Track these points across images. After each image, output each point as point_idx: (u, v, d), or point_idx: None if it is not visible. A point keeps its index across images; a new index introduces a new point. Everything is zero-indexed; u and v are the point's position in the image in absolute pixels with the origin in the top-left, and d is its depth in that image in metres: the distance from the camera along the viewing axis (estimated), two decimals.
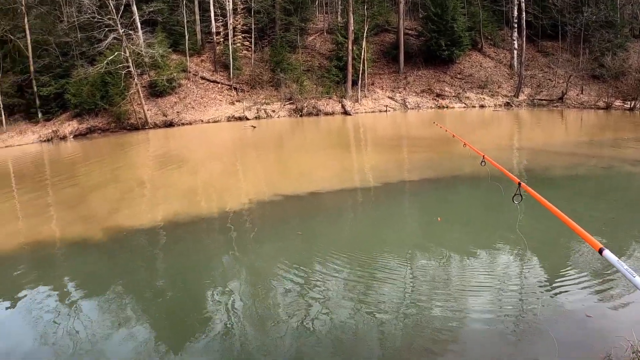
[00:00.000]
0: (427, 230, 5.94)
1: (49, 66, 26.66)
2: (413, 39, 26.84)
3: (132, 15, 24.77)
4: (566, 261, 4.69)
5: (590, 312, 3.63)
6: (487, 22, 27.93)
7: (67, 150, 21.43)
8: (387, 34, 27.28)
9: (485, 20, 27.72)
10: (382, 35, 27.19)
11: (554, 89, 25.58)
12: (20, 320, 4.39)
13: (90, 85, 24.30)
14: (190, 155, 15.25)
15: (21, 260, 6.15)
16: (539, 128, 17.81)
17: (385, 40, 27.09)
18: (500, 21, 29.09)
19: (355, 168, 10.90)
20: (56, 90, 26.07)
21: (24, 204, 9.86)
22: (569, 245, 5.04)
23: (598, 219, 5.87)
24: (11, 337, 4.10)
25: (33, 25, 28.03)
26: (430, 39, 25.27)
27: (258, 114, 22.74)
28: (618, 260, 1.84)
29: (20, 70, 28.10)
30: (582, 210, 6.30)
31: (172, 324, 4.08)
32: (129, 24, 24.58)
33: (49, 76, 26.47)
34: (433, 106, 24.29)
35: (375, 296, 4.10)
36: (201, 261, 5.46)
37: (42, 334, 4.04)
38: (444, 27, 25.04)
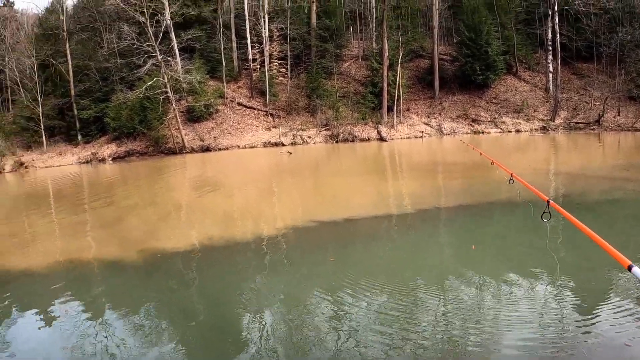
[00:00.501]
0: (462, 258, 5.83)
1: (89, 90, 27.54)
2: (448, 64, 26.76)
3: (171, 42, 25.41)
4: (604, 287, 4.53)
5: (630, 341, 3.48)
6: (521, 46, 27.67)
7: (106, 172, 21.90)
8: (421, 60, 27.29)
9: (519, 43, 27.46)
10: (416, 60, 27.21)
11: (590, 112, 25.04)
12: (53, 337, 4.44)
13: (129, 109, 24.94)
14: (227, 180, 15.41)
15: (57, 278, 6.23)
16: (576, 152, 17.47)
17: (420, 65, 27.09)
18: (535, 44, 28.78)
19: (390, 194, 10.82)
20: (96, 114, 26.86)
21: (62, 223, 10.05)
22: (607, 270, 4.86)
23: (636, 244, 5.67)
24: (43, 352, 4.15)
25: (74, 51, 29.09)
26: (465, 64, 25.14)
27: (294, 139, 22.89)
28: None
29: (61, 94, 29.10)
30: (619, 235, 6.10)
31: (203, 346, 4.05)
32: (168, 51, 25.21)
33: (89, 100, 27.31)
34: (469, 131, 24.06)
35: (408, 327, 4.00)
36: (235, 285, 5.43)
37: (74, 351, 4.06)
38: (478, 52, 24.90)
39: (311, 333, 4.03)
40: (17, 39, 32.74)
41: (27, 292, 5.80)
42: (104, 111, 26.13)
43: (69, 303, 5.21)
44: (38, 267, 6.71)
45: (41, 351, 4.17)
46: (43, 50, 29.44)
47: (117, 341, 4.20)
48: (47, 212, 11.67)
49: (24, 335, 4.54)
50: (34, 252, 7.58)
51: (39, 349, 4.21)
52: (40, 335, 4.51)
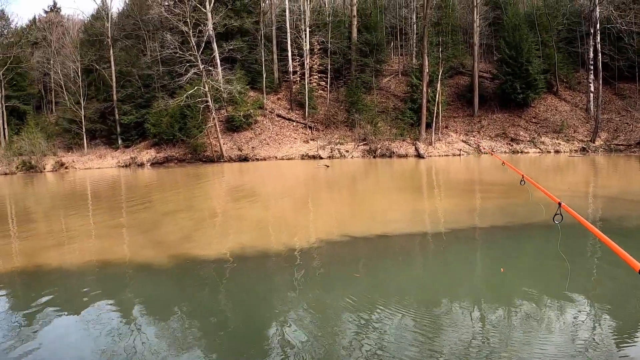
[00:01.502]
0: (493, 280, 5.75)
1: (131, 96, 28.36)
2: (487, 82, 26.54)
3: (213, 52, 25.97)
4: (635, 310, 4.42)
5: None
6: (562, 64, 27.22)
7: (144, 176, 22.41)
8: (461, 77, 27.14)
9: (560, 62, 27.02)
10: (456, 77, 27.08)
11: (631, 134, 24.40)
12: (83, 335, 4.51)
13: (169, 116, 25.55)
14: (263, 190, 15.54)
15: (90, 277, 6.35)
16: (616, 174, 16.99)
17: (460, 83, 26.94)
18: (576, 63, 28.28)
19: (426, 212, 10.69)
20: (136, 119, 27.61)
21: (98, 224, 10.26)
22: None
23: None
24: (72, 350, 4.22)
25: (118, 57, 30.05)
26: (505, 82, 24.87)
27: (332, 153, 23.03)
28: None
29: (103, 98, 30.06)
30: None
31: (230, 354, 4.08)
32: (209, 61, 25.78)
33: (130, 105, 28.12)
34: (507, 151, 23.75)
35: (434, 347, 3.97)
36: (265, 295, 5.47)
37: (102, 350, 4.12)
38: (518, 70, 24.61)
39: (337, 348, 4.07)
40: (62, 44, 33.97)
41: (61, 291, 5.91)
42: (145, 117, 26.84)
43: (101, 303, 5.32)
44: (73, 267, 6.85)
45: (72, 349, 4.25)
46: (87, 56, 30.53)
47: (145, 344, 4.28)
48: (84, 213, 11.96)
49: (55, 333, 4.64)
50: (69, 251, 7.75)
51: (69, 347, 4.30)
52: (71, 334, 4.61)
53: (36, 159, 26.63)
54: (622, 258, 2.16)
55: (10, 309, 5.32)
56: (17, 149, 27.56)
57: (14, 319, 4.98)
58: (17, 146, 27.96)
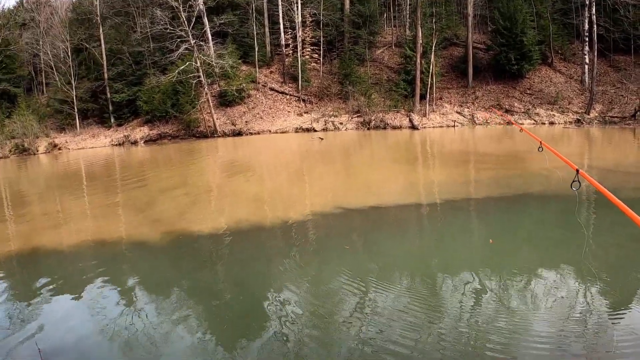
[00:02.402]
0: (489, 251, 5.74)
1: (122, 74, 27.98)
2: (482, 53, 26.33)
3: (204, 27, 25.60)
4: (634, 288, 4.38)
5: None
6: (557, 36, 27.01)
7: (138, 154, 22.28)
8: (455, 48, 26.89)
9: (555, 33, 26.81)
10: (450, 49, 26.83)
11: (626, 106, 24.33)
12: (82, 314, 4.55)
13: (161, 93, 25.27)
14: (257, 164, 15.48)
15: (87, 257, 6.38)
16: (610, 146, 17.02)
17: (454, 54, 26.71)
18: (571, 34, 28.06)
19: (420, 183, 10.73)
20: (128, 97, 27.30)
21: (94, 204, 10.22)
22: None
23: None
24: (72, 330, 4.25)
25: (107, 35, 29.55)
26: (500, 53, 24.68)
27: (325, 125, 22.90)
28: None
29: (94, 77, 29.63)
30: None
31: (229, 328, 4.13)
32: (200, 35, 25.40)
33: (122, 83, 27.77)
34: (502, 122, 23.68)
35: (431, 319, 3.98)
36: (261, 268, 5.52)
37: (102, 327, 4.16)
38: (513, 41, 24.42)
39: (333, 321, 4.06)
40: (51, 24, 33.34)
41: (59, 272, 5.92)
42: (137, 95, 26.54)
43: (100, 282, 5.31)
44: (70, 247, 6.87)
45: (71, 329, 4.26)
46: (77, 35, 30.01)
47: (144, 321, 4.29)
48: (79, 193, 11.90)
49: (54, 314, 4.65)
50: (66, 232, 7.75)
51: (69, 327, 4.31)
52: (70, 314, 4.61)
53: (29, 141, 26.35)
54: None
55: (8, 292, 5.31)
56: (9, 132, 27.22)
57: (12, 301, 4.98)
58: (9, 129, 27.59)
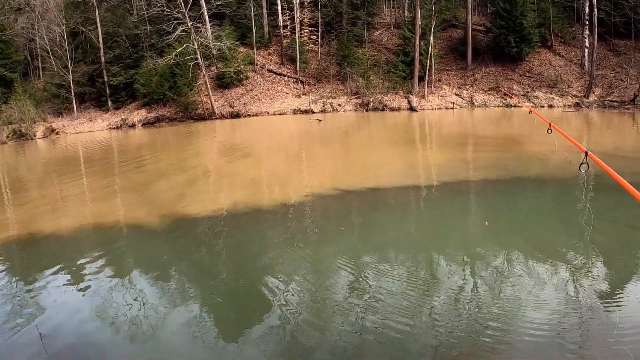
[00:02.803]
0: (486, 234, 5.71)
1: (119, 57, 27.76)
2: (481, 35, 26.16)
3: (201, 9, 25.35)
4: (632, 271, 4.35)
5: None
6: (557, 19, 26.82)
7: (136, 137, 22.19)
8: (454, 30, 26.70)
9: (555, 16, 26.62)
10: (449, 30, 26.64)
11: (625, 90, 24.23)
12: (82, 297, 4.54)
13: (159, 76, 25.10)
14: (255, 146, 15.44)
15: (86, 242, 6.39)
16: (609, 131, 16.97)
17: (453, 36, 26.53)
18: (571, 18, 27.87)
19: (419, 165, 10.72)
20: (126, 80, 27.11)
21: (92, 187, 10.20)
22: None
23: None
24: (72, 314, 4.24)
25: (104, 18, 29.25)
26: (499, 35, 24.53)
27: (324, 107, 22.81)
28: None
29: (91, 61, 29.38)
30: None
31: (227, 309, 4.13)
32: (197, 17, 25.17)
33: (119, 67, 27.55)
34: (501, 104, 23.62)
35: (425, 302, 3.99)
36: (260, 251, 5.50)
37: (102, 311, 4.16)
38: (512, 23, 24.25)
39: (332, 303, 4.06)
40: (46, 8, 32.91)
41: (59, 256, 5.91)
42: (134, 78, 26.36)
43: (99, 265, 5.32)
44: (68, 230, 6.86)
45: (72, 314, 4.25)
46: (73, 18, 29.70)
47: (144, 303, 4.29)
48: (77, 177, 11.84)
49: (54, 296, 4.64)
50: (64, 216, 7.73)
51: (70, 311, 4.30)
52: (71, 298, 4.60)
53: (26, 126, 26.15)
54: None
55: (8, 276, 5.28)
56: (7, 118, 27.01)
57: (12, 286, 4.96)
58: (6, 115, 27.34)
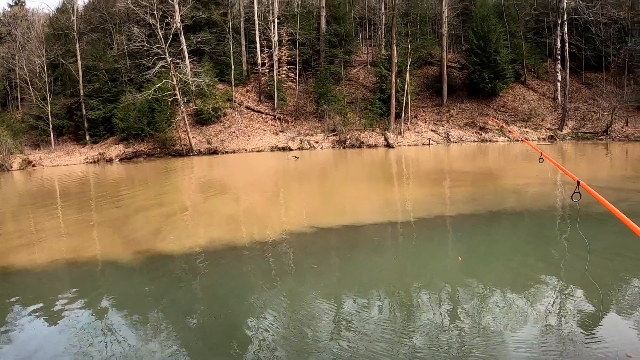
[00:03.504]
0: (462, 269, 5.78)
1: (98, 91, 27.72)
2: (456, 72, 26.76)
3: (180, 45, 25.55)
4: (604, 301, 4.45)
5: (632, 351, 3.44)
6: (530, 54, 27.61)
7: (113, 172, 21.98)
8: (430, 67, 27.29)
9: (528, 52, 27.41)
10: (425, 68, 27.22)
11: (598, 122, 24.91)
12: (56, 335, 4.45)
13: (137, 111, 25.07)
14: (233, 183, 15.39)
15: (62, 277, 6.27)
16: (583, 161, 17.31)
17: (429, 73, 27.09)
18: (544, 53, 28.73)
19: (396, 201, 10.77)
20: (104, 115, 27.03)
21: (68, 222, 10.04)
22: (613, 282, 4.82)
23: None
24: (44, 351, 4.15)
25: (84, 51, 29.31)
26: (474, 72, 25.12)
27: (301, 144, 22.93)
28: None
29: (70, 94, 29.31)
30: (624, 247, 6.10)
31: (204, 348, 4.08)
32: (177, 53, 25.36)
33: (97, 100, 27.49)
34: (476, 139, 24.00)
35: (407, 335, 4.02)
36: (237, 289, 5.45)
37: (76, 351, 4.06)
38: (487, 60, 24.88)
39: (310, 339, 4.07)
40: (27, 38, 32.92)
41: (32, 291, 5.80)
42: (113, 112, 26.31)
43: (73, 302, 5.23)
44: (43, 266, 6.72)
45: (45, 350, 4.17)
46: (53, 50, 29.70)
47: (120, 342, 4.22)
48: (53, 211, 11.68)
49: (28, 333, 4.54)
50: (39, 250, 7.59)
51: (42, 348, 4.22)
52: (44, 334, 4.51)
53: (2, 157, 25.80)
54: None
55: None
56: None
57: None
58: None
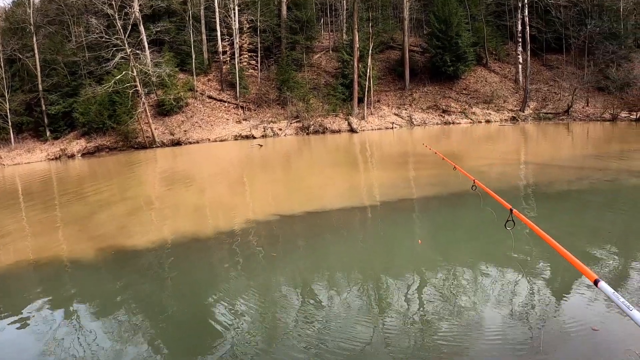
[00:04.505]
0: (425, 250, 5.90)
1: (57, 85, 27.00)
2: (418, 56, 26.97)
3: (140, 35, 25.06)
4: (569, 275, 4.57)
5: (597, 325, 3.57)
6: (491, 37, 28.02)
7: (75, 168, 21.53)
8: (392, 51, 27.42)
9: (489, 35, 27.81)
10: (387, 52, 27.33)
11: (559, 102, 25.51)
12: (23, 338, 4.40)
13: (98, 104, 24.55)
14: (197, 174, 15.30)
15: (27, 278, 6.17)
16: (545, 142, 17.72)
17: (391, 57, 27.22)
18: (505, 36, 29.19)
19: (361, 186, 10.89)
20: (64, 109, 26.36)
21: (31, 221, 9.86)
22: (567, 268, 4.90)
23: (602, 232, 5.88)
24: (15, 353, 4.10)
25: (41, 45, 28.46)
26: (435, 55, 25.37)
27: (265, 132, 22.84)
28: (614, 292, 1.78)
29: (28, 89, 28.46)
30: (587, 223, 6.35)
31: (176, 340, 4.09)
32: (137, 44, 24.86)
33: (57, 95, 26.79)
34: (439, 122, 24.31)
35: (379, 322, 4.08)
36: (206, 280, 5.50)
37: (45, 351, 4.03)
38: (448, 43, 25.15)
39: (283, 326, 4.10)
40: None
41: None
42: (73, 106, 25.69)
43: (40, 303, 5.15)
44: (7, 267, 6.59)
45: (11, 352, 4.10)
46: (10, 45, 28.78)
47: (90, 340, 4.17)
48: (16, 210, 11.44)
49: None
50: (3, 252, 7.42)
51: (8, 350, 4.15)
52: (10, 336, 4.44)
53: None
54: (578, 269, 2.06)
55: None
56: None
57: None
58: None
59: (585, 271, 2.02)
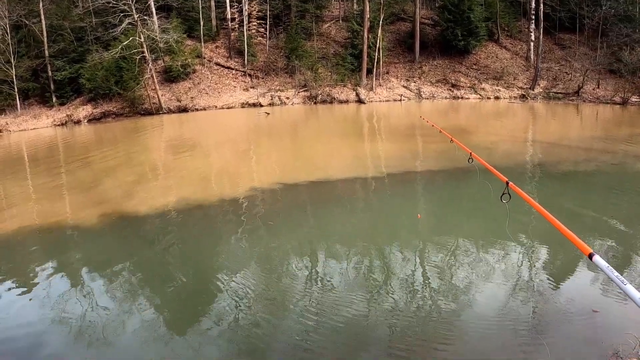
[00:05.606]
0: (429, 223, 5.89)
1: (63, 51, 26.79)
2: (429, 29, 26.57)
3: (147, 1, 24.74)
4: (570, 255, 4.50)
5: (597, 307, 3.55)
6: (504, 13, 27.56)
7: (81, 134, 21.51)
8: (403, 23, 27.02)
9: (502, 11, 27.34)
10: (398, 24, 26.94)
11: (570, 83, 25.15)
12: (31, 303, 4.40)
13: (104, 70, 24.37)
14: (204, 141, 15.26)
15: (32, 243, 6.17)
16: (554, 121, 17.54)
17: (401, 29, 26.84)
18: (518, 12, 28.69)
19: (367, 157, 10.90)
20: (71, 75, 26.20)
21: (37, 187, 9.87)
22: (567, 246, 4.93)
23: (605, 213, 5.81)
24: (22, 319, 4.11)
25: (48, 10, 28.15)
26: (447, 29, 24.99)
27: (272, 100, 22.67)
28: (608, 266, 1.71)
29: (35, 55, 28.24)
30: (590, 204, 6.30)
31: (180, 307, 4.09)
32: (144, 9, 24.55)
33: (63, 61, 26.60)
34: (448, 96, 24.04)
35: (382, 291, 4.09)
36: (211, 246, 5.48)
37: (52, 317, 4.04)
38: (460, 17, 24.74)
39: (284, 293, 4.09)
40: None
41: (3, 258, 5.69)
42: (79, 72, 25.50)
43: (47, 268, 5.15)
44: (14, 233, 6.59)
45: (19, 318, 4.10)
46: (16, 11, 28.45)
47: (95, 305, 4.18)
48: (22, 176, 11.45)
49: (1, 302, 4.46)
50: (9, 217, 7.40)
51: (17, 316, 4.15)
52: (18, 302, 4.44)
53: None
54: (573, 242, 2.02)
55: None
56: None
57: None
58: None
59: (580, 244, 1.96)
